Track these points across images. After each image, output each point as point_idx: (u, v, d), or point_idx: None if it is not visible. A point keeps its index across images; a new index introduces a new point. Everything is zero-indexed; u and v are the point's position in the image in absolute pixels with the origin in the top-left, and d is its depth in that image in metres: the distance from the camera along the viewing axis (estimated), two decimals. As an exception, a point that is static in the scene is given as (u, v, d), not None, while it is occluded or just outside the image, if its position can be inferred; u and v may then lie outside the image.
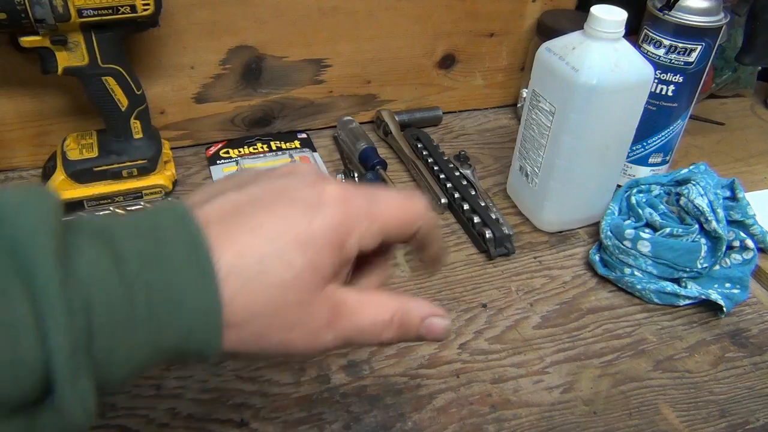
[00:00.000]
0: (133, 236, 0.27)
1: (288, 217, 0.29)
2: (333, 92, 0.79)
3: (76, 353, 0.24)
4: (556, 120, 0.60)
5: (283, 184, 0.31)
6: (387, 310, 0.33)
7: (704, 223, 0.59)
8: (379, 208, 0.32)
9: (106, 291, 0.25)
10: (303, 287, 0.29)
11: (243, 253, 0.28)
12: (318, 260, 0.29)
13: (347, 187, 0.31)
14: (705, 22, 0.63)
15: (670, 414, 0.50)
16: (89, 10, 0.54)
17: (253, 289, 0.28)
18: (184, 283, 0.27)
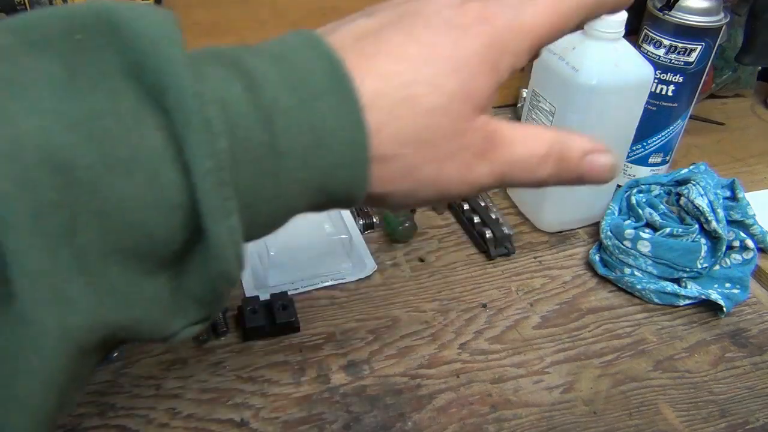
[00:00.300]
0: (262, 60, 0.24)
1: (432, 39, 0.26)
2: (333, 92, 0.79)
3: (223, 184, 0.21)
4: (556, 120, 0.60)
5: (416, 6, 0.27)
6: (544, 142, 0.29)
7: (704, 223, 0.59)
8: (529, 15, 0.27)
9: (244, 115, 0.22)
10: (455, 114, 0.26)
11: (386, 77, 0.25)
12: (470, 84, 0.26)
13: (486, 7, 0.27)
14: (705, 22, 0.63)
15: (670, 414, 0.50)
16: (89, 10, 0.54)
17: (400, 117, 0.25)
18: (324, 110, 0.23)
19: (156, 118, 0.21)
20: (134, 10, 0.21)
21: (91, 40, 0.21)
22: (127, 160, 0.20)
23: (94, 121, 0.20)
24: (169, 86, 0.20)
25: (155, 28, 0.21)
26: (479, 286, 0.60)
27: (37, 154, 0.18)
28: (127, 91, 0.21)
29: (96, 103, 0.20)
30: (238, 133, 0.22)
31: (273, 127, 0.23)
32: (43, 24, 0.21)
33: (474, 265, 0.63)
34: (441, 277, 0.61)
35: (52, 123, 0.19)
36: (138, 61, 0.21)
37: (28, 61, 0.20)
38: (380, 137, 0.25)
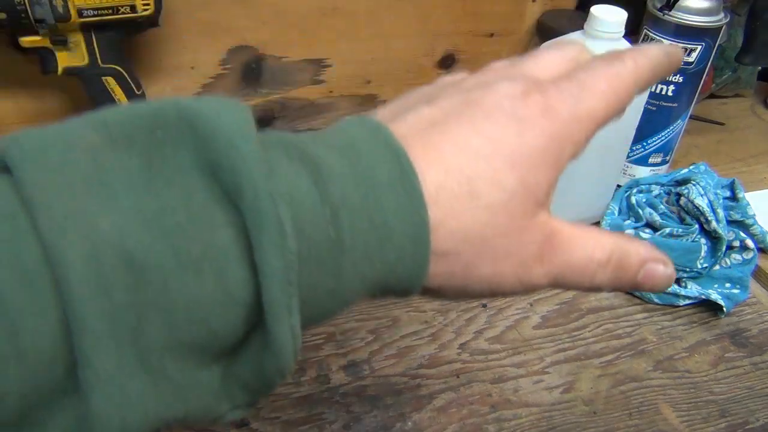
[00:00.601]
0: (328, 152, 0.24)
1: (494, 132, 0.25)
2: (333, 92, 0.79)
3: (289, 283, 0.21)
4: (556, 120, 0.60)
5: (478, 96, 0.26)
6: (604, 248, 0.28)
7: (704, 223, 0.59)
8: (590, 102, 0.27)
9: (312, 211, 0.22)
10: (516, 211, 0.25)
11: (449, 171, 0.24)
12: (531, 181, 0.25)
13: (547, 87, 0.26)
14: (705, 22, 0.63)
15: (670, 414, 0.50)
16: (89, 10, 0.54)
17: (462, 212, 0.24)
18: (389, 204, 0.23)
19: (227, 215, 0.21)
20: (212, 107, 0.22)
21: (170, 137, 0.22)
22: (198, 257, 0.20)
23: (168, 217, 0.20)
24: (244, 186, 0.21)
25: (231, 125, 0.21)
26: (479, 286, 0.60)
27: (114, 255, 0.19)
28: (201, 187, 0.21)
29: (171, 198, 0.20)
30: (307, 230, 0.22)
31: (339, 223, 0.23)
32: (126, 121, 0.22)
33: (474, 265, 0.63)
34: (441, 277, 0.61)
35: (129, 221, 0.20)
36: (213, 159, 0.21)
37: (110, 157, 0.21)
38: (440, 233, 0.24)
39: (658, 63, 0.29)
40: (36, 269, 0.19)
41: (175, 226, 0.20)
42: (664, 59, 0.30)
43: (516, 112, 0.25)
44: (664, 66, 0.30)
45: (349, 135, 0.25)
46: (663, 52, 0.30)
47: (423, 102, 0.27)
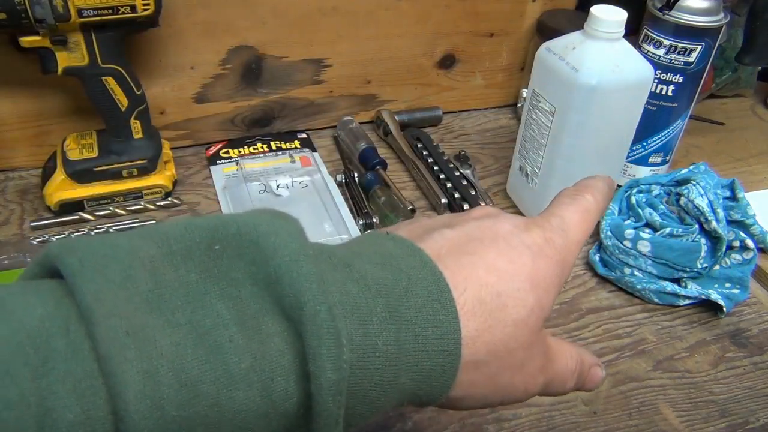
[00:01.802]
0: (370, 264, 0.26)
1: (513, 256, 0.29)
2: (333, 92, 0.79)
3: (340, 393, 0.22)
4: (556, 120, 0.60)
5: (491, 225, 0.30)
6: (573, 358, 0.33)
7: (704, 223, 0.59)
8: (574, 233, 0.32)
9: (362, 324, 0.24)
10: (532, 327, 0.29)
11: (484, 287, 0.27)
12: (544, 299, 0.29)
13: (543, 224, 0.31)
14: (705, 22, 0.63)
15: (670, 414, 0.50)
16: (89, 10, 0.54)
17: (493, 326, 0.27)
18: (428, 318, 0.25)
19: (278, 325, 0.22)
20: (272, 223, 0.23)
21: (227, 250, 0.23)
22: (246, 370, 0.21)
23: (221, 331, 0.21)
24: (304, 300, 0.22)
25: (292, 243, 0.23)
26: (479, 286, 0.60)
27: (170, 372, 0.20)
28: (255, 299, 0.22)
29: (224, 310, 0.22)
30: (357, 340, 0.23)
31: (386, 335, 0.24)
32: (186, 235, 0.23)
33: (474, 265, 0.63)
34: (441, 277, 0.61)
35: (185, 337, 0.21)
36: (272, 273, 0.22)
37: (169, 272, 0.22)
38: (475, 344, 0.27)
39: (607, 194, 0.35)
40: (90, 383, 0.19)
41: (227, 339, 0.21)
42: (608, 190, 0.35)
43: (525, 241, 0.29)
44: (609, 196, 0.35)
45: (387, 251, 0.27)
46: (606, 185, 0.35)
47: (443, 226, 0.30)
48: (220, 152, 0.75)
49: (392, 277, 0.26)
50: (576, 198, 0.34)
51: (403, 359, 0.25)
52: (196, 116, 0.74)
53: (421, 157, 0.74)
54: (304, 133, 0.80)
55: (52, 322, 0.20)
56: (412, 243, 0.28)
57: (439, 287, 0.26)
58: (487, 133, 0.84)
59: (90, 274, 0.21)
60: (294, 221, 0.25)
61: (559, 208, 0.33)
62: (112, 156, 0.65)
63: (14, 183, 0.69)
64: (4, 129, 0.68)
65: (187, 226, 0.23)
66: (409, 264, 0.27)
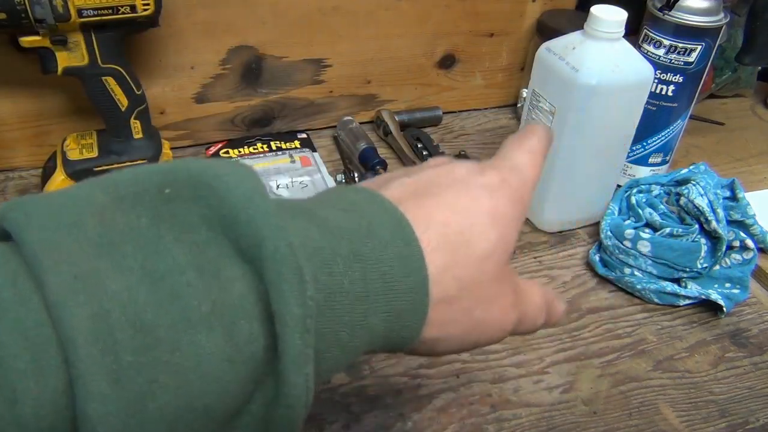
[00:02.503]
0: (332, 210, 0.26)
1: (472, 196, 0.29)
2: (333, 92, 0.79)
3: (307, 331, 0.22)
4: (556, 120, 0.60)
5: (447, 171, 0.31)
6: (540, 295, 0.34)
7: (704, 223, 0.59)
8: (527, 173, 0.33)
9: (325, 262, 0.23)
10: (498, 260, 0.29)
11: (446, 225, 0.28)
12: (507, 235, 0.30)
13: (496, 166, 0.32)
14: (705, 22, 0.63)
15: (670, 414, 0.50)
16: (89, 10, 0.54)
17: (459, 262, 0.28)
18: (393, 257, 0.26)
19: (238, 269, 0.21)
20: (224, 166, 0.23)
21: (179, 194, 0.22)
22: (207, 314, 0.20)
23: (176, 276, 0.20)
24: (264, 237, 0.21)
25: (246, 183, 0.22)
26: (479, 286, 0.60)
27: (123, 317, 0.19)
28: (211, 243, 0.22)
29: (180, 256, 0.21)
30: (322, 280, 0.23)
31: (353, 274, 0.24)
32: (134, 180, 0.22)
33: (474, 265, 0.63)
34: (441, 277, 0.61)
35: (138, 282, 0.20)
36: (227, 214, 0.22)
37: (118, 217, 0.21)
38: (444, 279, 0.27)
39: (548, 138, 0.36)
40: (40, 331, 0.19)
41: (185, 284, 0.20)
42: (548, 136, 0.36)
43: (483, 183, 0.30)
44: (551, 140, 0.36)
45: (348, 199, 0.28)
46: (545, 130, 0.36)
47: (402, 175, 0.31)
48: (220, 152, 0.75)
49: (354, 220, 0.26)
50: (522, 141, 0.34)
51: (372, 298, 0.25)
52: (196, 116, 0.74)
53: (421, 157, 0.74)
54: (304, 133, 0.80)
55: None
56: (373, 190, 0.29)
57: (401, 227, 0.26)
58: (487, 133, 0.84)
59: (35, 225, 0.20)
60: (249, 168, 0.24)
61: (508, 152, 0.34)
62: (112, 156, 0.65)
63: (14, 183, 0.69)
64: (4, 129, 0.68)
65: (136, 171, 0.23)
66: (371, 209, 0.27)
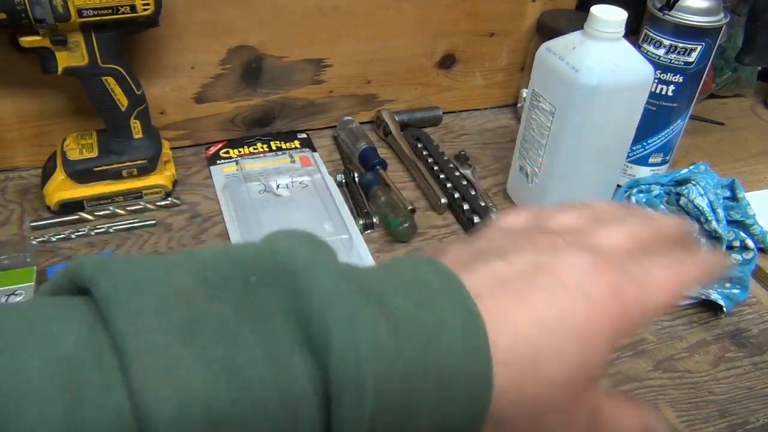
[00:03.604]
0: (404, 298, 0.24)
1: (565, 306, 0.25)
2: (333, 92, 0.79)
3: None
4: (556, 120, 0.60)
5: (551, 261, 0.27)
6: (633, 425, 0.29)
7: (704, 223, 0.59)
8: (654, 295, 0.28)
9: (388, 367, 0.22)
10: (573, 387, 0.26)
11: (519, 340, 0.25)
12: (591, 358, 0.26)
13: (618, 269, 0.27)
14: (705, 22, 0.63)
15: (670, 414, 0.50)
16: (89, 10, 0.54)
17: (525, 383, 0.25)
18: (458, 364, 0.23)
19: (308, 363, 0.21)
20: (310, 256, 0.23)
21: (263, 281, 0.22)
22: (275, 409, 0.21)
23: (252, 370, 0.21)
24: (333, 346, 0.21)
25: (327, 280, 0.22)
26: (479, 286, 0.60)
27: (200, 411, 0.20)
28: (286, 333, 0.22)
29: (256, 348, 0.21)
30: (381, 386, 0.22)
31: (411, 380, 0.23)
32: (223, 265, 0.23)
33: (474, 265, 0.63)
34: (441, 277, 0.61)
35: (218, 375, 0.20)
36: (305, 308, 0.22)
37: (204, 304, 0.21)
38: (502, 401, 0.24)
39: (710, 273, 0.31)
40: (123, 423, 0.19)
41: (257, 379, 0.21)
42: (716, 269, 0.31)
43: (587, 289, 0.26)
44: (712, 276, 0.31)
45: (423, 282, 0.25)
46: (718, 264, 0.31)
47: (494, 255, 0.27)
48: (220, 152, 0.75)
49: (425, 316, 0.24)
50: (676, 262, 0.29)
51: (425, 405, 0.23)
52: (196, 116, 0.74)
53: (421, 157, 0.74)
54: (304, 133, 0.80)
55: (86, 352, 0.20)
56: (454, 276, 0.25)
57: (473, 331, 0.24)
58: (487, 133, 0.84)
59: (124, 302, 0.21)
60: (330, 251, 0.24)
61: (651, 263, 0.28)
62: (112, 156, 0.65)
63: (14, 183, 0.69)
64: (4, 129, 0.68)
65: (224, 255, 0.23)
66: (446, 301, 0.24)
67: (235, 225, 0.65)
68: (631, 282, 0.27)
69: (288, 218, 0.66)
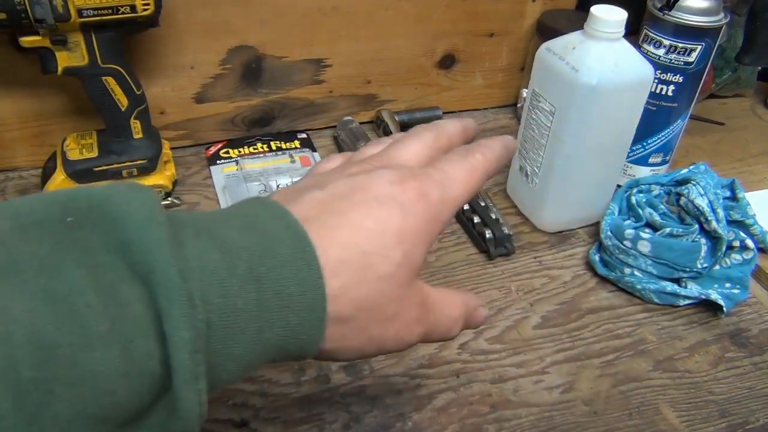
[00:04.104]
0: (233, 229, 0.27)
1: (381, 213, 0.30)
2: (333, 92, 0.79)
3: (197, 351, 0.23)
4: (556, 120, 0.60)
5: (363, 182, 0.31)
6: (458, 306, 0.35)
7: (704, 223, 0.59)
8: (454, 189, 0.33)
9: (220, 284, 0.25)
10: (401, 280, 0.30)
11: (348, 247, 0.28)
12: (412, 254, 0.30)
13: (419, 175, 0.32)
14: (705, 22, 0.63)
15: (670, 414, 0.50)
16: (89, 10, 0.55)
17: (358, 283, 0.28)
18: (291, 276, 0.26)
19: (136, 291, 0.23)
20: (121, 193, 0.24)
21: (81, 222, 0.24)
22: (105, 333, 0.22)
23: (76, 297, 0.22)
24: (155, 264, 0.23)
25: (141, 209, 0.24)
26: (479, 286, 0.60)
27: (24, 337, 0.20)
28: (110, 266, 0.23)
29: (80, 278, 0.22)
30: (216, 301, 0.24)
31: (246, 294, 0.25)
32: (38, 209, 0.24)
33: (474, 265, 0.63)
34: (441, 277, 0.61)
35: (39, 304, 0.21)
36: (124, 240, 0.23)
37: (21, 244, 0.22)
38: (341, 301, 0.28)
39: (500, 155, 0.36)
40: None
41: (83, 305, 0.22)
42: (504, 151, 0.36)
43: (397, 197, 0.30)
44: (504, 157, 0.36)
45: (252, 216, 0.28)
46: (502, 145, 0.36)
47: (315, 187, 0.31)
48: (220, 152, 0.75)
49: (255, 239, 0.27)
50: (465, 155, 0.34)
51: (265, 316, 0.26)
52: (196, 116, 0.74)
53: (421, 157, 0.74)
54: (304, 133, 0.80)
55: None
56: (281, 206, 0.29)
57: (302, 246, 0.27)
58: (487, 133, 0.84)
59: None
60: (149, 192, 0.25)
61: (445, 163, 0.34)
62: (112, 156, 0.65)
63: (14, 183, 0.69)
64: (4, 129, 0.68)
65: (38, 200, 0.24)
66: (274, 226, 0.28)
67: (235, 225, 0.65)
68: (431, 183, 0.32)
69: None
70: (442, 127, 0.37)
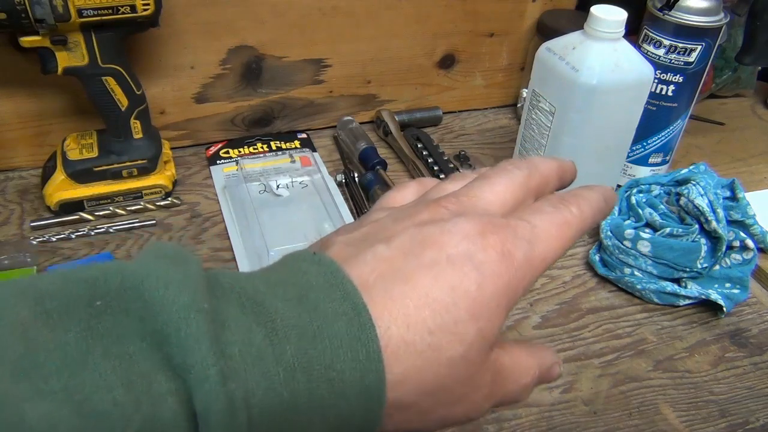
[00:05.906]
0: (283, 301, 0.24)
1: (455, 281, 0.25)
2: (333, 92, 0.79)
3: None
4: (556, 120, 0.60)
5: (435, 234, 0.26)
6: (531, 372, 0.30)
7: (704, 223, 0.59)
8: (541, 249, 0.28)
9: (265, 376, 0.22)
10: (473, 360, 0.26)
11: (410, 325, 0.24)
12: (488, 329, 0.26)
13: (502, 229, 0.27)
14: (705, 22, 0.63)
15: (670, 414, 0.50)
16: (89, 10, 0.54)
17: (423, 367, 0.25)
18: (346, 359, 0.23)
19: (171, 384, 0.20)
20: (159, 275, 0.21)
21: (111, 305, 0.21)
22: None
23: (103, 394, 0.19)
24: (194, 361, 0.20)
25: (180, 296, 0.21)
26: (479, 286, 0.60)
27: None
28: (143, 356, 0.20)
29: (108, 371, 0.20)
30: (258, 395, 0.21)
31: (295, 384, 0.22)
32: (63, 291, 0.21)
33: (474, 265, 0.63)
34: (441, 277, 0.61)
35: (59, 406, 0.19)
36: (159, 330, 0.21)
37: (43, 334, 0.20)
38: (402, 388, 0.24)
39: (599, 209, 0.31)
40: None
41: (110, 403, 0.19)
42: (604, 205, 0.31)
43: (474, 256, 0.25)
44: (603, 211, 0.31)
45: (303, 282, 0.25)
46: (602, 198, 0.31)
47: (378, 239, 0.27)
48: (220, 152, 0.75)
49: (306, 315, 0.23)
50: (558, 207, 0.29)
51: (316, 407, 0.23)
52: (196, 116, 0.74)
53: (421, 157, 0.74)
54: (304, 133, 0.80)
55: None
56: (338, 267, 0.25)
57: (360, 323, 0.23)
58: (487, 133, 0.84)
59: None
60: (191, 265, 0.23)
61: (534, 214, 0.28)
62: (112, 156, 0.65)
63: (14, 183, 0.69)
64: (4, 129, 0.68)
65: (65, 279, 0.22)
66: (329, 296, 0.24)
67: (235, 225, 0.65)
68: (516, 239, 0.27)
69: (288, 218, 0.66)
70: (536, 165, 0.31)
